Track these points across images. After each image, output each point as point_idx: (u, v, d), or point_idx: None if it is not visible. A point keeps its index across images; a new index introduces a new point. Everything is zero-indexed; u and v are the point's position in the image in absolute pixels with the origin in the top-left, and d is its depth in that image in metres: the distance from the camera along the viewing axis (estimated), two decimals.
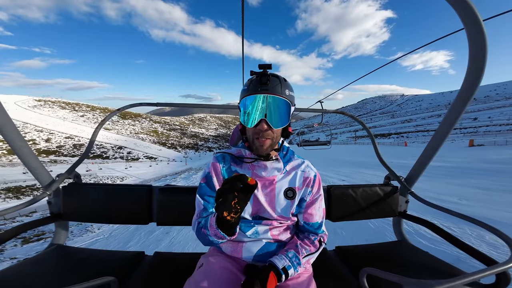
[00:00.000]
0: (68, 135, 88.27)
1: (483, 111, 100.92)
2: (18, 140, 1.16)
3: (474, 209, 4.26)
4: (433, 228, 1.37)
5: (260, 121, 0.83)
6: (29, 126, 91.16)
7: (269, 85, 0.83)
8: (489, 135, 49.34)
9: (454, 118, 1.14)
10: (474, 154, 15.00)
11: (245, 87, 0.87)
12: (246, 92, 0.86)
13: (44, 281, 0.99)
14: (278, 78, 0.86)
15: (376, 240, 1.75)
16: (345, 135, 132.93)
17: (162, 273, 1.15)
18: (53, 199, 1.38)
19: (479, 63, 0.94)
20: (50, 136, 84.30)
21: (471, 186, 6.12)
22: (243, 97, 0.86)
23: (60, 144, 79.05)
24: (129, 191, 1.43)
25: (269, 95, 0.82)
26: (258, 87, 0.83)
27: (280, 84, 0.85)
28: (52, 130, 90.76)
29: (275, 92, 0.83)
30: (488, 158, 12.13)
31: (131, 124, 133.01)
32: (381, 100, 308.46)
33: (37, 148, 72.97)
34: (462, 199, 4.97)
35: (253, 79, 0.86)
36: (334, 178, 8.79)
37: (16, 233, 1.15)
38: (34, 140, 79.67)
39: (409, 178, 1.54)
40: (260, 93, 0.82)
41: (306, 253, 0.90)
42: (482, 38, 0.88)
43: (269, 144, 0.87)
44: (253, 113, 0.84)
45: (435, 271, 1.17)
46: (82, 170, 35.16)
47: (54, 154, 70.58)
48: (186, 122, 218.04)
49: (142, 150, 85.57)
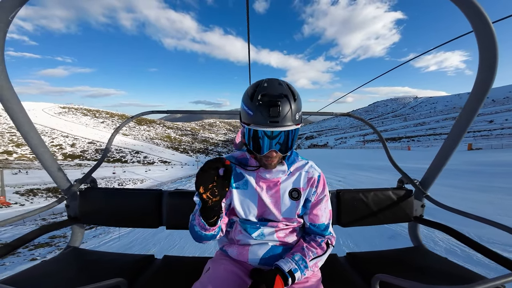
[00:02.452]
0: (90, 141, 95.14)
1: (501, 113, 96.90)
2: (41, 146, 1.21)
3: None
4: (452, 233, 1.30)
5: (269, 151, 0.80)
6: (56, 132, 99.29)
7: (280, 117, 0.74)
8: (501, 138, 48.32)
9: (467, 121, 1.11)
10: (467, 157, 15.77)
11: (250, 112, 0.76)
12: (251, 120, 0.76)
13: (59, 281, 1.06)
14: (288, 99, 0.75)
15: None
16: (355, 139, 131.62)
17: (170, 276, 1.17)
18: (70, 203, 1.43)
19: (489, 66, 0.91)
20: (75, 142, 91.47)
21: (448, 186, 6.64)
22: (248, 124, 0.77)
23: (84, 149, 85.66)
24: (141, 196, 1.48)
25: (279, 129, 0.75)
26: (267, 120, 0.74)
27: (290, 110, 0.75)
28: (76, 135, 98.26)
29: (286, 124, 0.75)
30: (476, 161, 13.04)
31: (146, 130, 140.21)
32: (393, 102, 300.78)
33: (63, 153, 79.68)
34: (433, 195, 6.17)
35: (261, 107, 0.74)
36: (331, 179, 9.55)
37: (39, 233, 1.22)
38: (61, 145, 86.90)
39: (424, 181, 1.48)
40: (270, 126, 0.74)
41: (313, 256, 0.88)
42: (492, 40, 0.87)
43: (277, 161, 0.86)
44: (260, 144, 0.80)
45: (454, 277, 1.11)
46: (108, 172, 39.04)
47: (78, 158, 76.73)
48: (197, 128, 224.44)
49: (157, 155, 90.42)
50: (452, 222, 1.65)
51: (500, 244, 2.92)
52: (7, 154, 67.12)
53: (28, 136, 1.15)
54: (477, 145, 29.28)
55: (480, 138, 53.01)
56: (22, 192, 24.23)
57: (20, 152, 69.76)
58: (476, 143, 33.55)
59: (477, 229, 3.25)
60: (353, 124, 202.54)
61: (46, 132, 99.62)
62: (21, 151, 70.81)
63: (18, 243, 1.12)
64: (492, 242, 2.97)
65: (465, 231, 3.05)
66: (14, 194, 23.56)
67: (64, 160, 76.78)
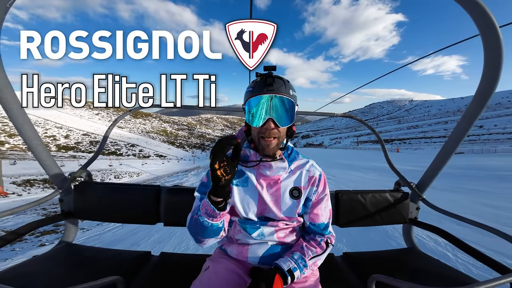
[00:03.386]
0: (85, 132, 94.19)
1: (491, 119, 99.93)
2: (35, 139, 1.18)
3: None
4: (446, 236, 1.32)
5: (267, 120, 0.85)
6: (50, 123, 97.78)
7: (274, 86, 0.86)
8: (485, 143, 50.35)
9: (468, 124, 1.12)
10: (449, 161, 17.12)
11: (250, 88, 0.89)
12: (251, 93, 0.88)
13: (53, 278, 1.01)
14: (282, 79, 0.89)
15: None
16: (350, 140, 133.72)
17: (167, 273, 1.15)
18: (64, 197, 1.37)
19: (494, 69, 0.92)
20: (69, 133, 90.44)
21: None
22: (249, 98, 0.88)
23: (78, 140, 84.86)
24: (138, 191, 1.44)
25: (275, 95, 0.85)
26: (263, 88, 0.85)
27: (284, 85, 0.88)
28: (71, 127, 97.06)
29: (280, 92, 0.85)
30: (451, 164, 14.54)
31: (142, 123, 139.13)
32: (389, 105, 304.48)
33: (57, 144, 78.83)
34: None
35: (258, 81, 0.89)
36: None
37: (30, 228, 1.18)
38: (55, 136, 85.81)
39: (420, 184, 1.48)
40: (266, 93, 0.84)
41: (313, 255, 0.89)
42: (498, 44, 0.87)
43: (275, 143, 0.88)
44: (259, 113, 0.85)
45: (446, 279, 1.13)
46: (104, 165, 39.28)
47: (72, 150, 76.09)
48: (194, 122, 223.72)
49: (153, 149, 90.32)
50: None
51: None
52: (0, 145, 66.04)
53: (22, 128, 1.13)
54: (461, 150, 30.88)
55: (466, 143, 55.01)
56: (19, 182, 24.50)
57: (12, 142, 68.79)
58: (461, 148, 35.27)
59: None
60: (349, 125, 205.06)
61: (39, 123, 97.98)
62: (13, 141, 69.82)
63: (14, 236, 1.09)
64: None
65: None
66: (11, 185, 23.84)
67: (57, 151, 75.99)
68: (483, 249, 1.19)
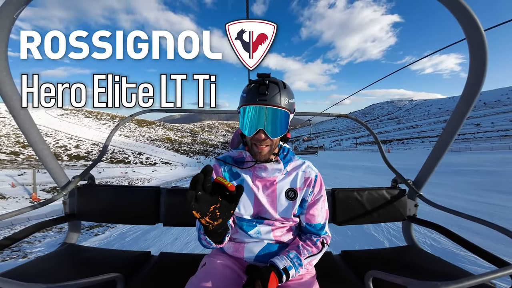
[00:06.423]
0: (94, 142, 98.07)
1: (489, 116, 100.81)
2: (40, 143, 1.21)
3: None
4: (445, 232, 1.32)
5: (258, 130, 0.83)
6: (60, 133, 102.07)
7: (268, 95, 0.82)
8: (479, 141, 52.16)
9: (458, 122, 1.15)
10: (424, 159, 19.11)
11: (244, 94, 0.87)
12: (244, 101, 0.86)
13: (54, 277, 1.04)
14: (278, 85, 0.85)
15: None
16: (350, 141, 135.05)
17: (166, 272, 1.17)
18: (68, 200, 1.41)
19: (479, 70, 0.96)
20: (79, 143, 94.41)
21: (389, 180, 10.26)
22: (242, 105, 0.87)
23: (88, 150, 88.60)
24: (139, 193, 1.47)
25: (267, 106, 0.82)
26: (256, 97, 0.83)
27: (279, 93, 0.84)
28: (80, 137, 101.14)
29: (273, 103, 0.82)
30: (421, 161, 16.37)
31: (147, 132, 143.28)
32: (389, 105, 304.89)
33: (69, 154, 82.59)
34: (370, 184, 5.77)
35: (252, 87, 0.85)
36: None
37: (33, 230, 1.20)
38: (66, 146, 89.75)
39: (417, 181, 1.49)
40: (258, 103, 0.82)
41: (308, 254, 0.89)
42: (482, 47, 0.91)
43: (267, 151, 0.88)
44: (250, 123, 0.84)
45: (444, 275, 1.13)
46: (117, 172, 42.39)
47: (83, 159, 79.72)
48: (196, 129, 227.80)
49: (159, 156, 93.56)
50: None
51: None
52: (15, 155, 70.18)
53: (28, 133, 1.16)
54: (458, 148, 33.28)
55: (459, 141, 56.70)
56: (48, 189, 27.72)
57: (26, 153, 72.89)
58: (462, 147, 37.34)
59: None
60: (349, 126, 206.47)
61: (50, 133, 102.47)
62: (28, 152, 74.02)
63: (9, 242, 1.11)
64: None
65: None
66: (41, 191, 27.14)
67: (69, 161, 79.81)
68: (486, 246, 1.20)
